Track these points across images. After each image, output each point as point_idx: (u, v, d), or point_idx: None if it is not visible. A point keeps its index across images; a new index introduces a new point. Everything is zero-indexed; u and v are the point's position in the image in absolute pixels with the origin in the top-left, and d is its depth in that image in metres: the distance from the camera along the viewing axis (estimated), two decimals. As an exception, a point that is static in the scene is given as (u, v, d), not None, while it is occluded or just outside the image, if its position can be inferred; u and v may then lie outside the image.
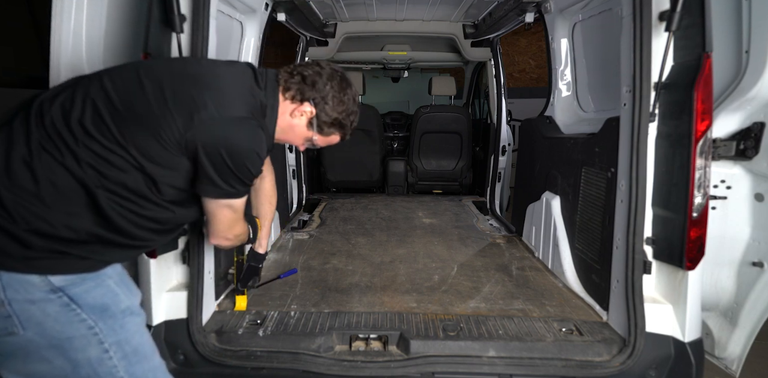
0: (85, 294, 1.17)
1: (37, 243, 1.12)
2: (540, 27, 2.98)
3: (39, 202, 1.13)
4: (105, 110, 1.20)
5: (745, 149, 1.84)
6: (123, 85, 1.25)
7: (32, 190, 1.13)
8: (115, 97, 1.22)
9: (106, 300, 1.20)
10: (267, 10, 2.77)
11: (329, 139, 1.59)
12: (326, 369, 1.71)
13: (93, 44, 1.83)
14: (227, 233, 1.50)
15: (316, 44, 4.29)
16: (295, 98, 1.45)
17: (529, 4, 2.88)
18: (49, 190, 1.14)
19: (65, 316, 1.15)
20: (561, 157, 2.62)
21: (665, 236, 1.76)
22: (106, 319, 1.19)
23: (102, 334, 1.19)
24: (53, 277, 1.14)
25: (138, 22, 1.81)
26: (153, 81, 1.26)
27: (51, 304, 1.13)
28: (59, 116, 1.19)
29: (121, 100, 1.22)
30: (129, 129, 1.20)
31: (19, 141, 1.16)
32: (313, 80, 1.43)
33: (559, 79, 2.87)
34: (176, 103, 1.23)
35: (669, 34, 1.65)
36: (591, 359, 1.76)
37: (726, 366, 2.03)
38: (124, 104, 1.21)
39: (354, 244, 3.06)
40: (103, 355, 1.19)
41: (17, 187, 1.13)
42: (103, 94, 1.22)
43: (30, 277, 1.12)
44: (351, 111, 1.53)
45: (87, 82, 1.26)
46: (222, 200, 1.37)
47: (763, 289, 1.90)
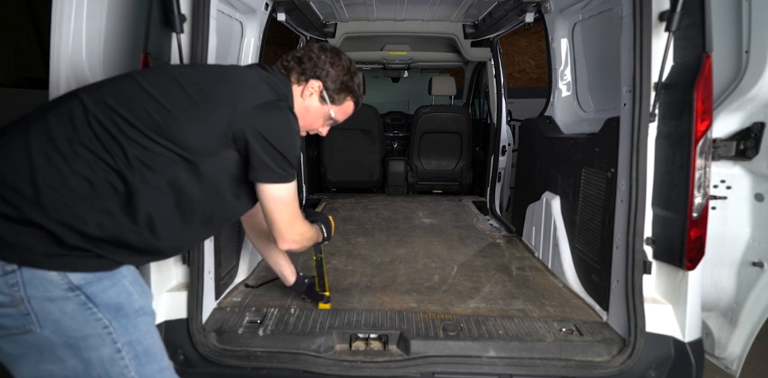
0: (102, 293, 1.17)
1: (64, 238, 1.12)
2: (540, 27, 2.98)
3: (74, 197, 1.14)
4: (151, 108, 1.24)
5: (745, 149, 1.84)
6: (161, 84, 1.30)
7: (69, 186, 1.14)
8: (157, 96, 1.26)
9: (121, 299, 1.20)
10: (267, 10, 2.77)
11: (344, 108, 1.65)
12: (326, 369, 1.71)
13: (93, 44, 1.83)
14: (291, 233, 1.50)
15: (316, 44, 4.29)
16: (300, 80, 1.55)
17: (529, 4, 2.88)
18: (85, 186, 1.15)
19: (82, 315, 1.15)
20: (561, 157, 2.62)
21: (665, 236, 1.76)
22: (120, 318, 1.19)
23: (116, 333, 1.19)
24: (72, 275, 1.13)
25: (138, 22, 1.81)
26: (188, 80, 1.33)
27: (69, 302, 1.13)
28: (102, 113, 1.21)
29: (166, 98, 1.26)
30: (176, 125, 1.24)
31: (59, 136, 1.17)
32: (308, 57, 1.54)
33: (559, 79, 2.87)
34: (218, 97, 1.31)
35: (669, 34, 1.65)
36: (591, 359, 1.76)
37: (726, 366, 2.03)
38: (169, 101, 1.26)
39: (354, 244, 3.06)
40: (115, 355, 1.19)
41: (55, 182, 1.13)
42: (144, 93, 1.26)
43: (50, 274, 1.11)
44: (353, 72, 1.61)
45: (121, 83, 1.30)
46: (276, 186, 1.39)
47: (763, 289, 1.90)
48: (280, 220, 1.46)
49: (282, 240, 1.51)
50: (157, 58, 1.70)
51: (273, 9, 2.86)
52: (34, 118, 1.23)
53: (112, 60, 1.92)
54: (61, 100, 1.27)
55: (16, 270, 1.09)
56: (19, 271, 1.09)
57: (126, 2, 1.91)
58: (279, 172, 1.36)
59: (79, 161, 1.16)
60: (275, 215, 1.45)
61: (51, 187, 1.12)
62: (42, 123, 1.20)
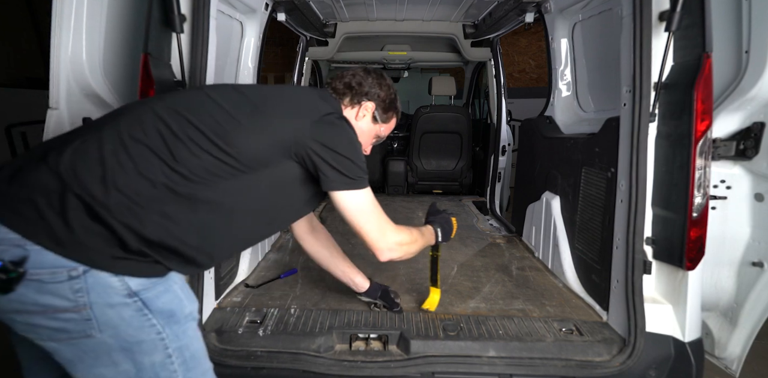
0: (156, 299, 1.18)
1: (127, 241, 1.13)
2: (540, 27, 2.98)
3: (137, 199, 1.15)
4: (218, 116, 1.27)
5: (745, 149, 1.84)
6: (228, 96, 1.35)
7: (134, 188, 1.15)
8: (224, 104, 1.31)
9: (173, 306, 1.21)
10: (267, 10, 2.77)
11: (390, 125, 1.73)
12: (326, 369, 1.71)
13: (93, 44, 1.83)
14: (385, 242, 1.50)
15: (316, 44, 4.29)
16: (353, 102, 1.62)
17: (529, 4, 2.88)
18: (148, 189, 1.16)
19: (138, 321, 1.16)
20: (561, 157, 2.62)
21: (665, 236, 1.76)
22: (172, 325, 1.21)
23: (168, 339, 1.20)
24: (131, 281, 1.14)
25: (138, 22, 1.81)
26: (253, 93, 1.39)
27: (127, 308, 1.14)
28: (171, 119, 1.23)
29: (232, 108, 1.30)
30: (239, 134, 1.27)
31: (129, 139, 1.19)
32: (357, 82, 1.61)
33: (559, 79, 2.87)
34: (281, 109, 1.36)
35: (669, 34, 1.65)
36: (591, 359, 1.76)
37: (726, 366, 2.03)
38: (235, 111, 1.30)
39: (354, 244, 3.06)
40: (166, 360, 1.20)
41: (122, 183, 1.14)
42: (212, 102, 1.31)
43: (111, 280, 1.12)
44: (395, 89, 1.71)
45: (189, 93, 1.37)
46: (352, 193, 1.41)
47: (763, 289, 1.90)
48: (368, 230, 1.46)
49: (378, 251, 1.51)
50: (157, 58, 1.70)
51: (273, 9, 2.86)
52: (107, 122, 1.24)
53: (112, 60, 1.92)
54: (132, 106, 1.30)
55: (81, 275, 1.09)
56: (84, 276, 1.09)
57: (126, 2, 1.91)
58: (352, 177, 1.39)
59: (145, 164, 1.17)
60: (361, 225, 1.46)
61: (117, 188, 1.13)
62: (114, 126, 1.22)
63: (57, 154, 1.15)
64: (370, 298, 2.08)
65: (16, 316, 1.10)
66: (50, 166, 1.12)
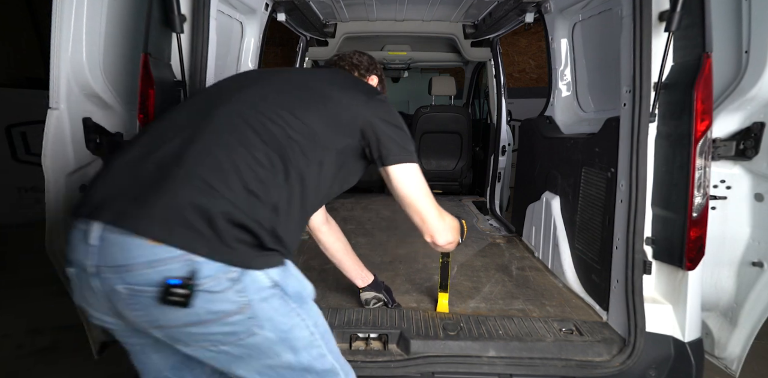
0: (288, 285, 1.20)
1: (261, 236, 1.15)
2: (540, 27, 2.98)
3: (256, 195, 1.17)
4: (296, 101, 1.33)
5: (745, 149, 1.84)
6: (296, 81, 1.43)
7: (250, 187, 1.17)
8: (296, 92, 1.38)
9: (299, 288, 1.24)
10: (267, 10, 2.77)
11: (385, 90, 1.89)
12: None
13: (93, 44, 1.83)
14: (444, 223, 1.49)
15: (316, 44, 4.29)
16: (367, 75, 1.82)
17: (529, 4, 2.88)
18: (261, 185, 1.18)
19: (284, 308, 1.19)
20: (561, 157, 2.62)
21: (665, 236, 1.76)
22: (303, 305, 1.23)
23: (307, 319, 1.23)
24: (271, 272, 1.16)
25: (138, 22, 1.81)
26: (314, 79, 1.48)
27: (274, 298, 1.17)
28: (260, 114, 1.26)
29: (305, 94, 1.38)
30: (315, 119, 1.31)
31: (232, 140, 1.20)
32: (357, 60, 1.80)
33: (559, 79, 2.87)
34: (336, 91, 1.42)
35: (669, 34, 1.65)
36: (591, 359, 1.76)
37: (726, 366, 2.03)
38: (309, 95, 1.37)
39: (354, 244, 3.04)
40: (311, 338, 1.24)
41: (240, 183, 1.16)
42: (288, 86, 1.39)
43: (259, 275, 1.14)
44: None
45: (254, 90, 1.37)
46: (413, 165, 1.42)
47: (763, 289, 1.90)
48: (428, 206, 1.44)
49: (438, 233, 1.47)
50: (157, 58, 1.70)
51: (273, 9, 2.86)
52: (197, 125, 1.24)
53: (112, 60, 1.92)
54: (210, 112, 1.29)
55: (239, 277, 1.11)
56: (241, 278, 1.11)
57: (126, 2, 1.91)
58: (410, 150, 1.42)
59: (259, 166, 1.19)
60: (421, 201, 1.43)
61: (249, 192, 1.16)
62: (213, 129, 1.22)
63: (176, 166, 1.14)
64: (375, 291, 2.10)
65: (192, 328, 1.11)
66: (180, 182, 1.12)
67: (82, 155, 1.85)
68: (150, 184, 1.12)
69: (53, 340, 3.09)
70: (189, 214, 1.08)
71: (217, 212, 1.10)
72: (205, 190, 1.12)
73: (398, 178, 1.41)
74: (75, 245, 1.12)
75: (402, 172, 1.41)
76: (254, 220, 1.14)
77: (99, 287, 1.09)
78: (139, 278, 1.06)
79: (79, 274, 1.12)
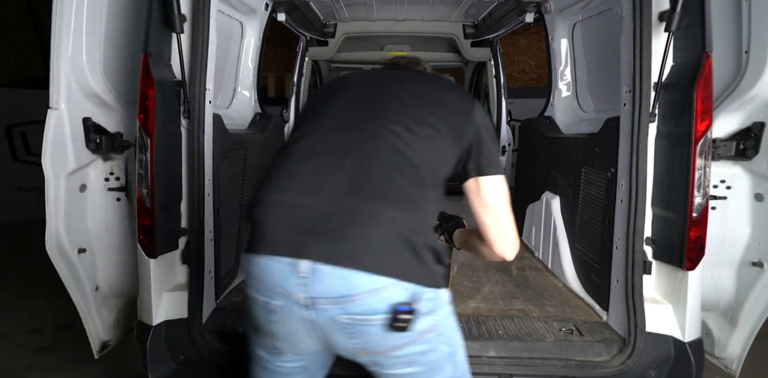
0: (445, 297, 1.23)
1: (441, 256, 1.18)
2: (540, 27, 2.98)
3: (419, 215, 1.17)
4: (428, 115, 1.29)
5: (745, 149, 1.84)
6: (415, 87, 1.38)
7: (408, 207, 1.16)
8: (426, 106, 1.32)
9: (447, 299, 1.25)
10: (267, 10, 2.77)
11: None
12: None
13: (93, 44, 1.83)
14: (517, 239, 1.44)
15: (316, 44, 4.29)
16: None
17: (529, 4, 2.88)
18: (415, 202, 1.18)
19: (454, 323, 1.23)
20: (561, 157, 2.62)
21: (665, 236, 1.76)
22: (449, 316, 1.24)
23: (455, 331, 1.26)
24: (443, 289, 1.19)
25: (138, 23, 1.81)
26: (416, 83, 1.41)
27: (451, 314, 1.21)
28: (400, 127, 1.23)
29: (432, 106, 1.32)
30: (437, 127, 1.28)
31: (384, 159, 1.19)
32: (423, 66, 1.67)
33: (559, 79, 2.87)
34: (445, 97, 1.37)
35: (669, 34, 1.65)
36: (591, 359, 1.76)
37: (726, 366, 2.03)
38: (433, 107, 1.32)
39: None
40: (463, 352, 1.27)
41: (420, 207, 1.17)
42: (408, 93, 1.35)
43: (443, 292, 1.18)
44: None
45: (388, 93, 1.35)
46: (503, 178, 1.39)
47: (763, 289, 1.90)
48: (511, 223, 1.38)
49: (513, 247, 1.39)
50: (157, 58, 1.70)
51: (273, 9, 2.86)
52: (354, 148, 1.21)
53: (112, 60, 1.92)
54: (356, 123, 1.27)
55: (435, 297, 1.14)
56: (436, 298, 1.14)
57: (126, 2, 1.91)
58: (500, 161, 1.43)
59: (420, 184, 1.19)
60: (507, 216, 1.37)
61: (425, 211, 1.18)
62: (372, 151, 1.20)
63: (362, 195, 1.13)
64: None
65: (397, 351, 1.13)
66: (376, 211, 1.12)
67: (82, 155, 1.85)
68: (343, 216, 1.11)
69: (53, 340, 3.09)
70: (394, 243, 1.10)
71: (413, 237, 1.11)
72: (399, 218, 1.12)
73: (492, 190, 1.36)
74: (282, 278, 1.09)
75: (496, 184, 1.37)
76: (435, 241, 1.18)
77: (314, 318, 1.09)
78: (363, 307, 1.07)
79: (288, 307, 1.10)
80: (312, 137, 1.27)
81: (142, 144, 1.68)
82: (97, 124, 1.87)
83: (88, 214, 1.96)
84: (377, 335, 1.10)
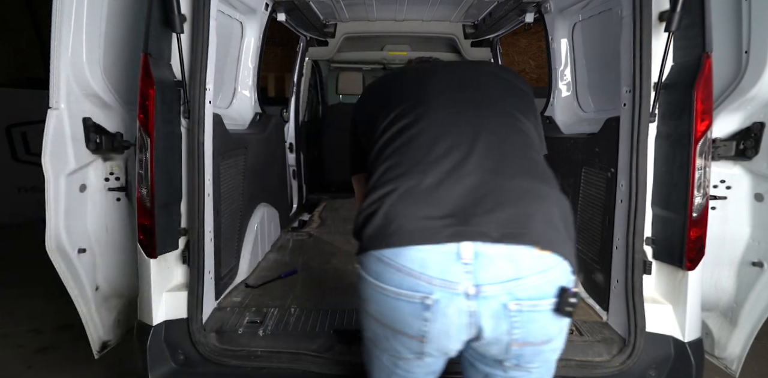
0: None
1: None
2: (540, 27, 2.98)
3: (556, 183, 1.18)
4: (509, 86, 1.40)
5: (745, 149, 1.84)
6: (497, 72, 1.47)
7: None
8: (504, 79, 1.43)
9: None
10: (267, 11, 2.77)
11: None
12: (327, 369, 1.71)
13: (93, 44, 1.83)
14: None
15: (316, 44, 4.29)
16: None
17: (529, 4, 2.88)
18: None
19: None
20: (561, 157, 2.62)
21: (665, 236, 1.76)
22: None
23: None
24: None
25: (138, 23, 1.81)
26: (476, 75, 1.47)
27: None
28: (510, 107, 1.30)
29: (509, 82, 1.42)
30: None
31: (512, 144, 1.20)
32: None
33: (559, 79, 2.87)
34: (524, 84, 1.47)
35: (669, 34, 1.65)
36: (591, 359, 1.76)
37: (726, 366, 2.03)
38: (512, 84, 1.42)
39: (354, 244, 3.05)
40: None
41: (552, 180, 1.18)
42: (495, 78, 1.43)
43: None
44: None
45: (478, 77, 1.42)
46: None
47: (763, 289, 1.90)
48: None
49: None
50: (157, 58, 1.70)
51: (273, 9, 2.86)
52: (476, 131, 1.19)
53: (112, 60, 1.92)
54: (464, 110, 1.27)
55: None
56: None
57: (126, 2, 1.91)
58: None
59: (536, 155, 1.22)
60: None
61: (553, 186, 1.17)
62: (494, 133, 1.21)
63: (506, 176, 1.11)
64: None
65: (547, 345, 1.09)
66: (527, 189, 1.09)
67: (82, 155, 1.85)
68: (498, 195, 1.06)
69: (53, 340, 3.09)
70: (553, 218, 1.06)
71: (565, 214, 1.09)
72: (550, 194, 1.10)
73: None
74: (443, 267, 1.01)
75: None
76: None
77: (477, 309, 1.01)
78: (531, 290, 1.00)
79: (449, 299, 1.02)
80: (423, 124, 1.22)
81: (142, 144, 1.68)
82: (97, 124, 1.87)
83: (88, 214, 1.96)
84: (541, 322, 1.03)
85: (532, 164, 1.16)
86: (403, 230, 1.04)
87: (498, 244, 1.00)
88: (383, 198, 1.09)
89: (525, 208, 1.05)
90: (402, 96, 1.35)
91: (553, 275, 1.02)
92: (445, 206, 1.05)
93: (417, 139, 1.18)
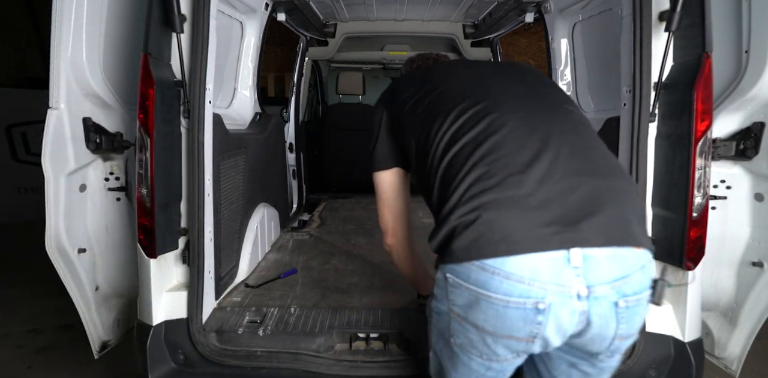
0: None
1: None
2: (540, 27, 2.98)
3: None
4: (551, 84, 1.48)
5: (745, 149, 1.84)
6: (531, 71, 1.52)
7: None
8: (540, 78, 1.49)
9: None
10: (267, 10, 2.77)
11: None
12: (327, 369, 1.71)
13: (93, 44, 1.83)
14: None
15: (316, 44, 4.29)
16: None
17: (529, 4, 2.88)
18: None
19: None
20: (561, 157, 2.62)
21: (665, 236, 1.76)
22: None
23: None
24: None
25: (138, 23, 1.81)
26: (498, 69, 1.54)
27: None
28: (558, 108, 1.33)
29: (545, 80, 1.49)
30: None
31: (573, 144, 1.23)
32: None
33: (559, 79, 2.86)
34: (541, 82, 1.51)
35: (669, 34, 1.65)
36: (591, 359, 1.75)
37: (726, 366, 2.03)
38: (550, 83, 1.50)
39: (354, 244, 3.06)
40: None
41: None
42: (536, 79, 1.47)
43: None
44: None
45: (521, 79, 1.45)
46: None
47: (763, 289, 1.90)
48: None
49: None
50: (157, 58, 1.70)
51: (273, 9, 2.86)
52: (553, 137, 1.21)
53: (112, 60, 1.92)
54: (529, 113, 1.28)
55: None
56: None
57: (126, 2, 1.91)
58: None
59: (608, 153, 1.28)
60: None
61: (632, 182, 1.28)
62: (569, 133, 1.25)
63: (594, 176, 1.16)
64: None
65: (634, 336, 1.17)
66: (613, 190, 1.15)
67: (82, 155, 1.85)
68: (594, 197, 1.11)
69: (53, 340, 3.09)
70: (640, 215, 1.17)
71: (643, 210, 1.19)
72: (634, 191, 1.20)
73: None
74: (555, 273, 1.05)
75: None
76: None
77: (587, 308, 1.06)
78: (635, 286, 1.09)
79: (562, 302, 1.05)
80: (503, 131, 1.22)
81: (142, 144, 1.68)
82: (97, 124, 1.87)
83: (88, 214, 1.96)
84: (641, 314, 1.13)
85: (607, 158, 1.23)
86: (511, 239, 1.06)
87: (603, 248, 1.07)
88: (479, 209, 1.11)
89: (620, 209, 1.12)
90: (462, 95, 1.35)
91: (650, 269, 1.13)
92: (546, 214, 1.08)
93: (503, 147, 1.19)
